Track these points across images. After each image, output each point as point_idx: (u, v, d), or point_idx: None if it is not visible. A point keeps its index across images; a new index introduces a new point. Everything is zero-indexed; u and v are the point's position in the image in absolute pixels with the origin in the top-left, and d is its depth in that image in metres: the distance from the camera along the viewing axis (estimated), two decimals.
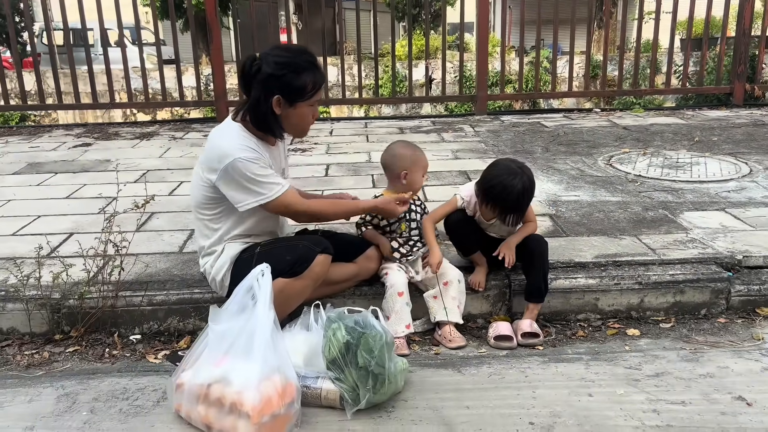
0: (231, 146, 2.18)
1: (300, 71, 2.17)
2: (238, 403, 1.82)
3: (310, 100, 2.23)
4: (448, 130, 5.69)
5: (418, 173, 2.53)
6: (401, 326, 2.39)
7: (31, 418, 2.02)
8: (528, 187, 2.40)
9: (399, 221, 2.54)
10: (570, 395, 2.07)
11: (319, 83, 2.24)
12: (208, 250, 2.35)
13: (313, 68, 2.21)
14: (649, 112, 6.38)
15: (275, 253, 2.24)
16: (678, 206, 3.40)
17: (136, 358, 2.40)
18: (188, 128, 6.03)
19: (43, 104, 6.73)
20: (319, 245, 2.25)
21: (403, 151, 2.53)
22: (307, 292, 2.25)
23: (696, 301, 2.61)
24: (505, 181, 2.38)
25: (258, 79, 2.18)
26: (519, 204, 2.41)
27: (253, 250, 2.28)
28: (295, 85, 2.18)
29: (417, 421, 1.96)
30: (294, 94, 2.19)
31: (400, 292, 2.42)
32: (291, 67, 2.17)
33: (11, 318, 2.52)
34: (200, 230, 2.37)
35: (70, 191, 3.96)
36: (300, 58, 2.19)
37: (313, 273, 2.22)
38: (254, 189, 2.19)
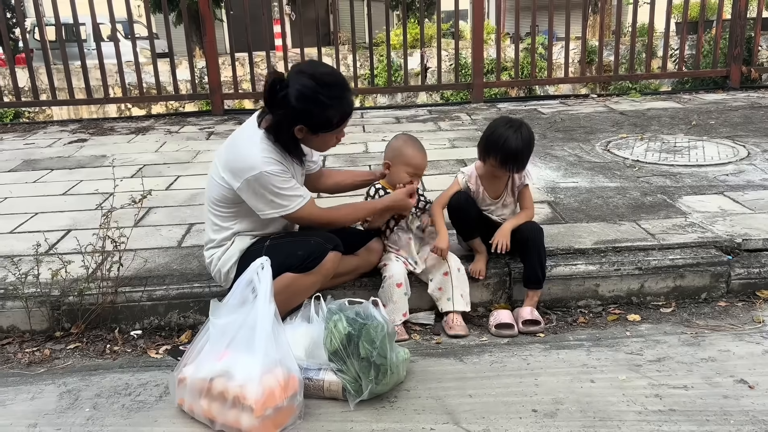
0: (257, 158, 2.14)
1: (327, 107, 2.12)
2: (241, 397, 1.82)
3: (335, 131, 2.21)
4: (445, 118, 5.67)
5: (400, 169, 2.44)
6: (398, 315, 2.40)
7: (34, 416, 2.01)
8: (527, 137, 2.42)
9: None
10: (572, 382, 2.07)
11: (346, 116, 2.19)
12: (218, 243, 2.34)
13: (340, 103, 2.15)
14: (646, 96, 6.36)
15: (286, 248, 2.24)
16: (676, 191, 3.39)
17: (137, 354, 2.40)
18: (184, 122, 5.99)
19: (37, 100, 6.68)
20: (331, 242, 2.26)
21: (394, 143, 2.50)
22: (315, 288, 2.25)
23: (696, 285, 2.61)
24: (505, 131, 2.42)
25: (282, 106, 2.11)
26: (518, 151, 2.41)
27: (262, 242, 2.28)
28: (320, 119, 2.15)
29: (420, 410, 1.96)
30: (318, 127, 2.17)
31: (398, 283, 2.41)
32: (317, 102, 2.10)
33: (11, 316, 2.51)
34: (212, 225, 2.35)
35: (66, 188, 3.94)
36: (326, 92, 2.10)
37: (323, 269, 2.23)
38: (277, 201, 2.19)
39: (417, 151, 2.46)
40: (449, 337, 2.39)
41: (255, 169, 2.13)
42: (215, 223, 2.33)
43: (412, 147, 2.46)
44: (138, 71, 6.24)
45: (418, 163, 2.45)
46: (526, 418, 1.89)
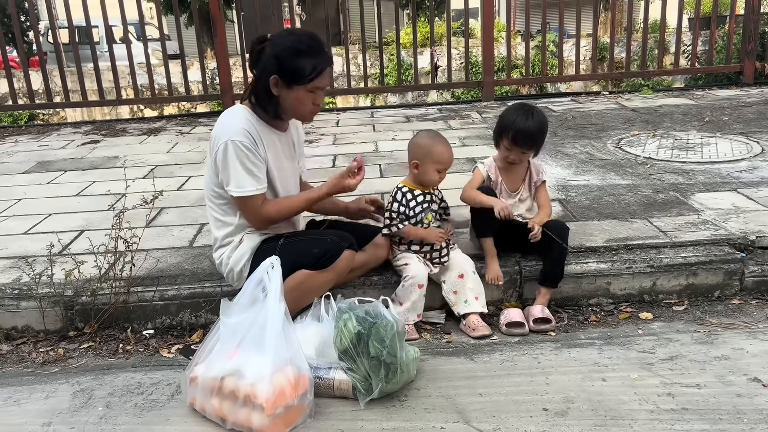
0: (228, 128, 2.21)
1: (300, 54, 2.16)
2: (252, 396, 1.83)
3: (307, 84, 2.20)
4: (455, 117, 5.66)
5: (430, 167, 2.42)
6: (413, 315, 2.41)
7: (48, 414, 2.04)
8: (538, 118, 2.49)
9: (425, 212, 2.50)
10: (583, 380, 2.06)
11: (319, 69, 2.19)
12: (223, 241, 2.35)
13: (314, 53, 2.18)
14: (658, 93, 6.31)
15: (300, 246, 2.26)
16: (689, 188, 3.36)
17: (149, 353, 2.42)
18: (195, 122, 6.03)
19: (51, 102, 6.76)
20: (346, 241, 2.27)
21: (420, 141, 2.47)
22: (329, 286, 2.26)
23: (709, 283, 2.58)
24: (517, 113, 2.49)
25: (261, 58, 2.20)
26: (528, 128, 2.46)
27: (275, 240, 2.29)
28: (293, 67, 2.17)
29: (430, 409, 1.96)
30: (291, 76, 2.18)
31: (420, 285, 2.41)
32: (291, 49, 2.16)
33: (25, 316, 2.54)
34: (213, 221, 2.38)
35: (79, 189, 3.98)
36: (303, 41, 2.18)
37: (338, 267, 2.24)
38: (234, 177, 2.21)
39: (445, 148, 2.45)
40: (474, 339, 2.36)
41: (224, 137, 2.19)
42: (216, 218, 2.36)
43: (440, 144, 2.44)
44: (150, 73, 6.29)
45: (447, 159, 2.45)
46: (537, 417, 1.89)
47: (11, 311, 2.53)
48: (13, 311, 2.53)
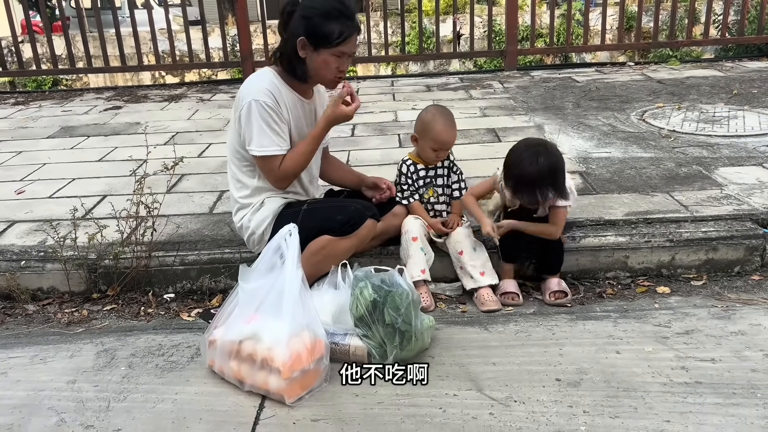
0: (253, 88, 2.22)
1: (329, 17, 2.16)
2: (269, 359, 1.87)
3: (334, 48, 2.19)
4: (477, 86, 5.59)
5: (427, 144, 2.40)
6: (416, 270, 2.38)
7: (73, 373, 2.10)
8: (547, 165, 2.22)
9: (426, 187, 2.51)
10: (597, 352, 2.07)
11: (346, 33, 2.19)
12: (244, 202, 2.37)
13: (343, 17, 2.18)
14: (686, 64, 6.16)
15: (324, 211, 2.29)
16: (713, 162, 3.31)
17: (170, 316, 2.48)
18: (216, 90, 6.04)
19: (74, 68, 6.81)
20: (370, 210, 2.30)
21: (424, 115, 2.45)
22: (350, 253, 2.28)
23: (729, 258, 2.56)
24: (523, 154, 2.28)
25: (292, 20, 2.20)
26: (532, 180, 2.24)
27: (299, 206, 2.31)
28: (321, 30, 2.17)
29: (444, 376, 1.98)
30: (319, 39, 2.18)
31: (414, 237, 2.42)
32: (321, 12, 2.16)
33: (51, 278, 2.60)
34: (234, 182, 2.39)
35: (102, 154, 4.03)
36: (333, 4, 2.17)
37: (361, 235, 2.27)
38: (257, 137, 2.21)
39: (444, 128, 2.40)
40: (493, 317, 2.34)
41: (248, 96, 2.20)
42: (237, 180, 2.37)
43: (440, 123, 2.40)
44: (171, 39, 6.29)
45: (443, 139, 2.41)
46: (550, 387, 1.90)
47: (37, 273, 2.60)
48: (39, 273, 2.60)
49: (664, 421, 1.73)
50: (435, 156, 2.44)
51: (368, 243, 2.46)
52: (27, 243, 2.74)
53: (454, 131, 2.43)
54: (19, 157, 4.07)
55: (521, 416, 1.79)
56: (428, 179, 2.50)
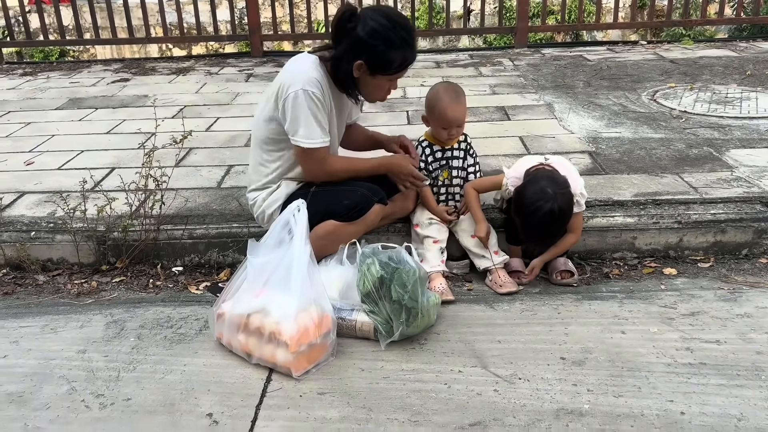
0: (301, 76, 2.14)
1: (393, 47, 2.10)
2: (277, 333, 1.89)
3: (392, 75, 2.18)
4: (486, 63, 5.53)
5: (436, 123, 2.38)
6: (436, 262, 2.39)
7: (83, 343, 2.13)
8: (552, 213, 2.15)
9: (441, 168, 2.48)
10: (602, 332, 2.08)
11: (407, 63, 2.16)
12: (262, 186, 2.35)
13: (406, 47, 2.12)
14: (699, 44, 6.07)
15: (332, 196, 2.27)
16: (724, 143, 3.28)
17: (178, 289, 2.50)
18: (223, 63, 6.00)
19: (81, 39, 6.75)
20: (377, 195, 2.29)
21: (431, 94, 2.40)
22: (357, 236, 2.28)
23: (737, 240, 2.55)
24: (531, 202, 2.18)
25: (350, 36, 2.10)
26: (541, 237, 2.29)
27: (308, 188, 2.30)
28: (383, 58, 2.12)
29: (449, 353, 2.00)
30: (378, 66, 2.14)
31: (435, 240, 2.43)
32: (385, 40, 2.08)
33: (60, 249, 2.63)
34: (256, 166, 2.35)
35: (110, 126, 4.03)
36: (398, 32, 2.09)
37: (367, 221, 2.27)
38: (302, 128, 2.16)
39: (449, 103, 2.34)
40: (501, 295, 2.33)
41: (296, 84, 2.12)
42: (260, 163, 2.33)
43: (445, 100, 2.35)
44: (179, 10, 6.23)
45: (450, 117, 2.35)
46: (554, 365, 1.92)
47: (47, 244, 2.62)
48: (49, 244, 2.62)
49: (667, 400, 1.75)
50: (447, 135, 2.39)
51: (380, 222, 2.46)
52: (37, 214, 2.76)
53: (461, 108, 2.37)
54: (27, 128, 4.07)
55: (525, 393, 1.80)
56: (444, 161, 2.47)
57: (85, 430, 1.73)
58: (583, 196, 2.34)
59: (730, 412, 1.70)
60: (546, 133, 3.53)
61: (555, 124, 3.70)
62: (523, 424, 1.69)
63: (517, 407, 1.75)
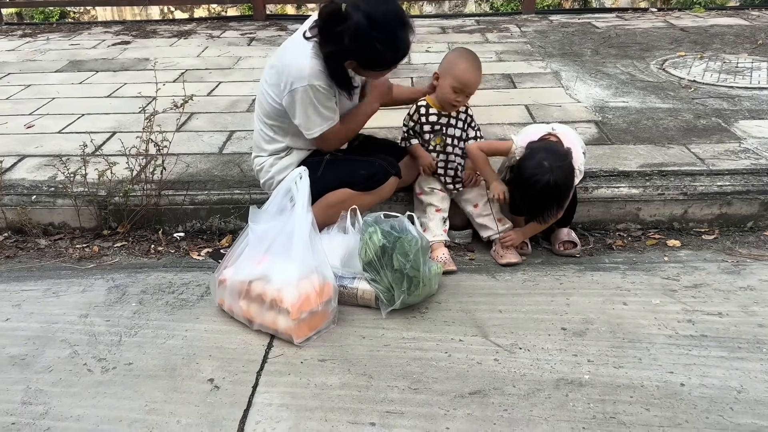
0: (306, 69, 2.07)
1: (380, 49, 2.01)
2: (278, 300, 1.88)
3: (386, 70, 2.13)
4: (493, 30, 5.43)
5: (448, 82, 2.30)
6: (439, 230, 2.37)
7: (85, 307, 2.14)
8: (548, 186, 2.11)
9: (434, 134, 2.41)
10: (604, 303, 2.08)
11: (401, 56, 2.08)
12: (270, 152, 2.30)
13: (394, 45, 2.03)
14: (711, 12, 5.95)
15: (348, 164, 2.25)
16: (733, 114, 3.23)
17: (180, 255, 2.49)
18: (225, 26, 5.91)
19: (82, 0, 6.65)
20: (393, 167, 2.27)
21: (450, 55, 2.37)
22: (370, 207, 2.27)
23: (743, 213, 2.53)
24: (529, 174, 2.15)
25: (337, 40, 2.01)
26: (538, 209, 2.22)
27: (321, 155, 2.26)
28: (372, 59, 2.06)
29: (450, 322, 2.00)
30: (369, 65, 2.09)
31: (438, 209, 2.41)
32: (370, 44, 1.99)
33: (62, 213, 2.62)
34: (263, 136, 2.31)
35: (111, 90, 3.98)
36: (382, 34, 1.99)
37: (383, 191, 2.26)
38: (313, 118, 2.13)
39: (470, 67, 2.30)
40: (502, 266, 2.32)
41: (303, 79, 2.07)
42: (267, 134, 2.29)
43: (466, 62, 2.31)
44: None
45: (467, 79, 2.30)
46: (555, 335, 1.92)
47: (48, 208, 2.61)
48: (50, 208, 2.61)
49: (667, 372, 1.75)
50: (454, 98, 2.33)
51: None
52: (37, 178, 2.74)
53: (478, 74, 2.33)
54: (27, 90, 4.03)
55: (526, 363, 1.81)
56: (438, 126, 2.41)
57: (88, 394, 1.74)
58: (580, 171, 2.29)
59: (730, 384, 1.70)
60: (552, 102, 3.48)
61: (561, 92, 3.64)
62: (523, 394, 1.69)
63: (517, 377, 1.76)
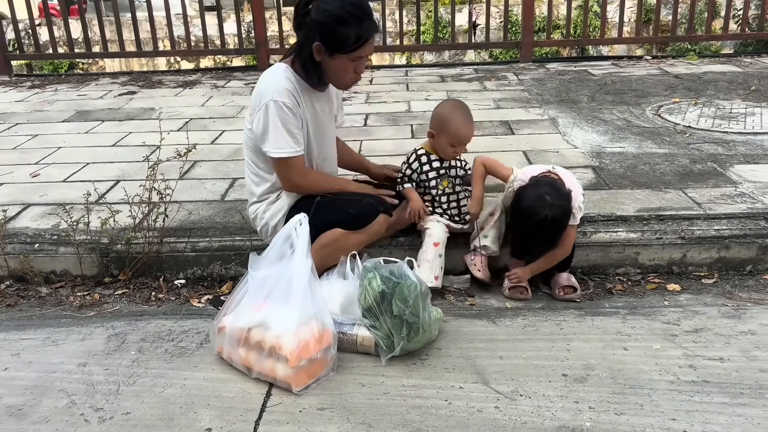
0: (270, 87, 2.18)
1: (344, 23, 2.10)
2: (277, 347, 1.88)
3: (351, 54, 2.16)
4: (491, 78, 5.55)
5: (444, 140, 2.40)
6: (430, 275, 2.37)
7: (84, 355, 2.13)
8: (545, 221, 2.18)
9: (441, 177, 2.49)
10: (605, 348, 2.07)
11: (363, 38, 2.14)
12: (261, 197, 2.37)
13: (359, 22, 2.12)
14: (704, 59, 6.08)
15: (337, 205, 2.28)
16: (728, 159, 3.27)
17: (180, 302, 2.50)
18: (230, 76, 6.05)
19: (90, 52, 6.84)
20: (383, 205, 2.30)
21: (441, 110, 2.44)
22: (360, 247, 2.28)
23: (741, 257, 2.54)
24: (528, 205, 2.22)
25: (306, 21, 2.15)
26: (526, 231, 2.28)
27: (312, 198, 2.30)
28: (337, 36, 2.12)
29: (450, 369, 1.99)
30: (334, 45, 2.14)
31: (435, 242, 2.42)
32: (336, 17, 2.10)
33: (64, 261, 2.64)
34: (252, 178, 2.38)
35: (116, 139, 4.06)
36: (347, 8, 2.10)
37: (372, 230, 2.27)
38: (274, 137, 2.18)
39: (463, 122, 2.39)
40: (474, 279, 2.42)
41: (266, 96, 2.16)
42: (255, 174, 2.35)
43: (458, 118, 2.38)
44: (186, 24, 6.29)
45: (463, 135, 2.40)
46: (556, 382, 1.91)
47: (51, 256, 2.63)
48: (52, 256, 2.63)
49: (669, 419, 1.73)
50: (453, 152, 2.44)
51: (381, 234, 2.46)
52: (41, 226, 2.77)
53: (472, 126, 2.42)
54: (34, 140, 4.11)
55: (526, 410, 1.79)
56: (443, 170, 2.49)
57: None
58: (580, 209, 2.34)
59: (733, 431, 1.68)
60: (550, 148, 3.53)
61: (559, 138, 3.70)
62: None
63: (518, 424, 1.74)
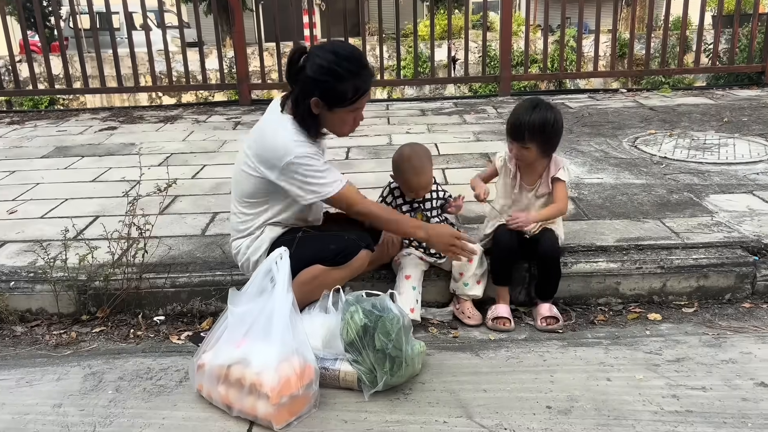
0: (289, 143, 2.13)
1: (341, 78, 2.10)
2: (258, 384, 1.85)
3: (350, 107, 2.17)
4: (471, 111, 5.64)
5: (402, 186, 2.49)
6: (405, 308, 2.33)
7: (59, 396, 2.08)
8: (544, 114, 2.39)
9: (414, 211, 2.52)
10: (588, 379, 2.06)
11: (362, 90, 2.15)
12: (244, 233, 2.34)
13: (356, 76, 2.12)
14: (677, 92, 6.24)
15: (319, 241, 2.26)
16: (704, 189, 3.33)
17: (159, 339, 2.46)
18: (211, 111, 6.07)
19: (71, 88, 6.83)
20: (364, 240, 2.28)
21: (396, 158, 2.49)
22: (342, 282, 2.25)
23: (720, 285, 2.56)
24: (523, 106, 2.44)
25: (300, 77, 2.13)
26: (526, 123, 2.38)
27: (294, 233, 2.29)
28: (335, 92, 2.12)
29: (434, 403, 1.97)
30: (333, 100, 2.14)
31: (407, 275, 2.43)
32: (332, 73, 2.09)
33: (40, 299, 2.58)
34: (239, 216, 2.34)
35: (95, 174, 4.03)
36: (343, 64, 2.10)
37: (354, 266, 2.25)
38: (315, 185, 2.16)
39: (413, 174, 2.44)
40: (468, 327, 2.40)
41: (290, 153, 2.12)
42: (244, 212, 2.32)
43: (408, 169, 2.44)
44: (168, 60, 6.33)
45: (414, 185, 2.47)
46: (540, 415, 1.89)
47: (26, 294, 2.58)
48: (28, 294, 2.58)
49: None
50: (415, 195, 2.51)
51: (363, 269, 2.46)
52: (17, 263, 2.72)
53: (424, 176, 2.45)
54: (12, 176, 4.06)
55: None
56: (416, 203, 2.52)
57: None
58: (566, 168, 2.53)
59: None
60: None
61: None
62: None
63: None
